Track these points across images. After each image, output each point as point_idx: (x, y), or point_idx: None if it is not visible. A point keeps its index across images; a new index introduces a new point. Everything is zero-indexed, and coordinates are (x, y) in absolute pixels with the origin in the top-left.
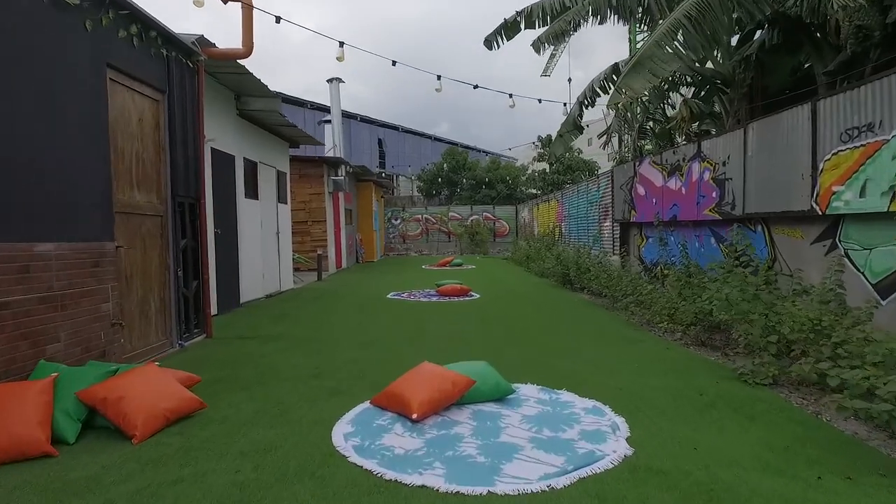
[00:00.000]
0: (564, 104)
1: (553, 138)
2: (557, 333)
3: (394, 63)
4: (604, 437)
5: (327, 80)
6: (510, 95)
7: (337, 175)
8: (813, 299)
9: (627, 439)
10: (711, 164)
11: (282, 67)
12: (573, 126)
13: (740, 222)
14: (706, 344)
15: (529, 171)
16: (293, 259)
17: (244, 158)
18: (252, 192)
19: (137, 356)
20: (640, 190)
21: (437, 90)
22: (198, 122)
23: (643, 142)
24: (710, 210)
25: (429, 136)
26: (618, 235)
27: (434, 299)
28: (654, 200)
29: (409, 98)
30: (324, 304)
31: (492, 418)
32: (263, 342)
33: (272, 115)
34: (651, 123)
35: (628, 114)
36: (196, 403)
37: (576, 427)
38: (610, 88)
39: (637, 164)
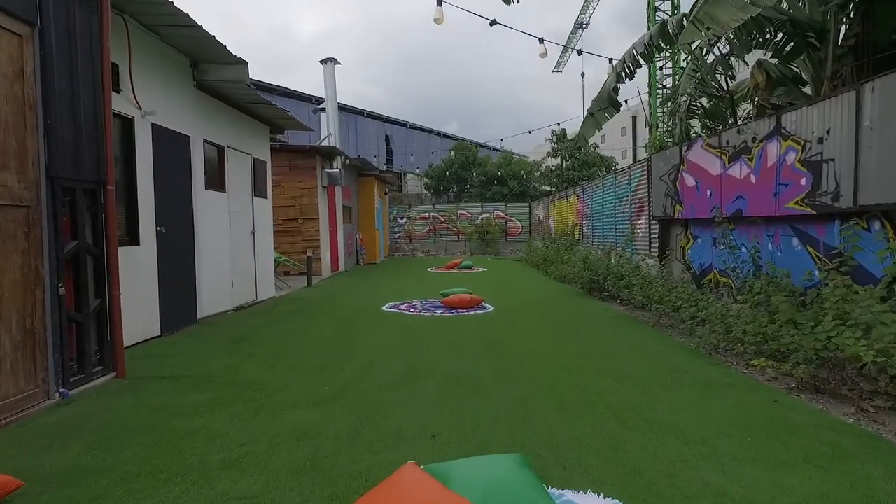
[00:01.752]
0: (610, 60)
1: (574, 129)
2: (608, 373)
3: None
4: None
5: (321, 62)
6: (541, 41)
7: (332, 167)
8: None
9: None
10: (798, 143)
11: (292, 68)
12: (608, 102)
13: (847, 217)
14: (821, 390)
15: (543, 167)
16: (278, 262)
17: (205, 141)
18: (217, 182)
19: None
20: (689, 180)
21: (436, 20)
22: (101, 77)
23: (691, 122)
24: (795, 202)
25: (437, 133)
26: (655, 235)
27: (438, 313)
28: (708, 192)
29: (418, 98)
30: (301, 320)
31: None
32: (191, 387)
33: (239, 89)
34: (703, 100)
35: (701, 65)
36: None
37: None
38: (655, 55)
39: (684, 148)
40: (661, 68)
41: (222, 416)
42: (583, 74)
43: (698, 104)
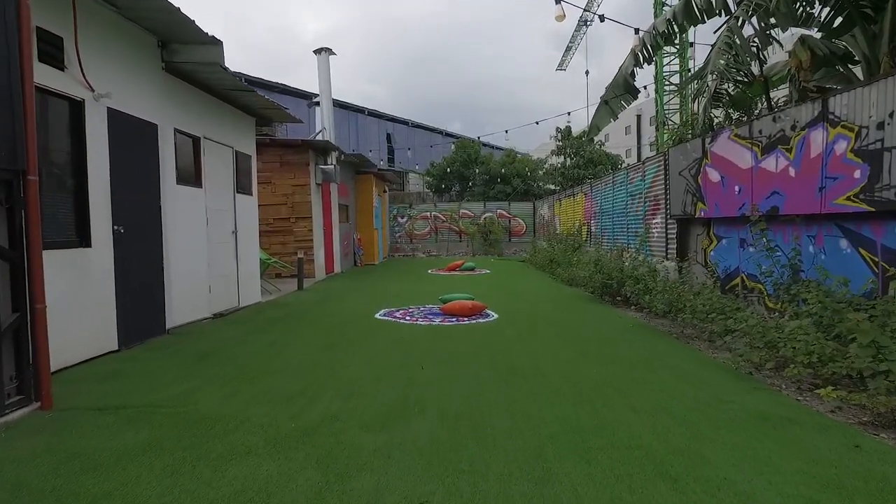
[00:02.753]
0: (636, 31)
1: (579, 123)
2: (639, 404)
3: None
4: None
5: (314, 52)
6: (557, 1)
7: (326, 164)
8: None
9: None
10: (851, 130)
11: (295, 67)
12: (624, 88)
13: None
14: None
15: (547, 165)
16: (267, 264)
17: (177, 131)
18: (192, 176)
19: None
20: (713, 175)
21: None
22: (20, 46)
23: (714, 112)
24: (847, 198)
25: (440, 132)
26: (673, 235)
27: (437, 321)
28: (736, 188)
29: (420, 98)
30: (282, 331)
31: None
32: (127, 423)
33: (215, 72)
34: (729, 86)
35: (736, 37)
36: None
37: None
38: (677, 36)
39: (708, 140)
40: (679, 52)
41: (150, 470)
42: (587, 72)
43: (724, 91)
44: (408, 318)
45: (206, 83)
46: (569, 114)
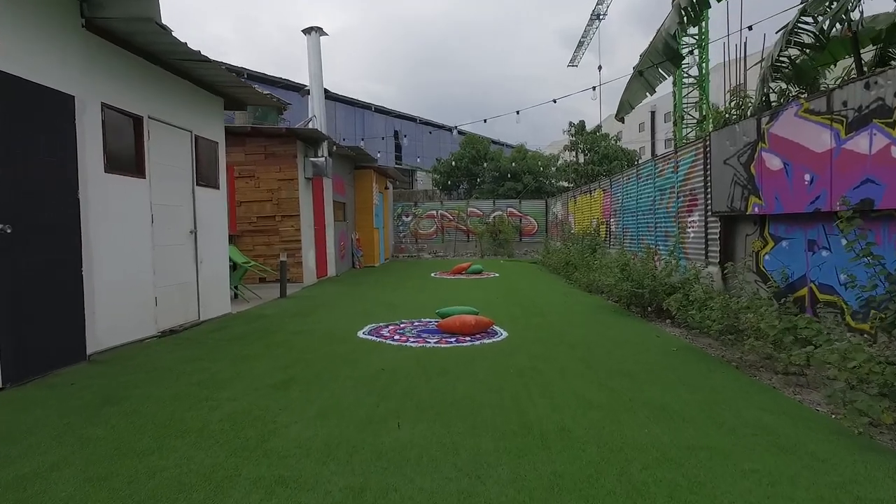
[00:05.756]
0: None
1: (591, 113)
2: (727, 502)
3: None
4: None
5: (303, 31)
6: None
7: (317, 156)
8: None
9: None
10: None
11: (303, 66)
12: (664, 53)
13: None
14: None
15: (560, 162)
16: (246, 268)
17: (106, 106)
18: (130, 164)
19: None
20: (773, 162)
21: None
22: None
23: (775, 85)
24: None
25: (448, 129)
26: (715, 236)
27: (432, 342)
28: (807, 177)
29: (429, 97)
30: (234, 355)
31: None
32: None
33: (152, 33)
34: (791, 53)
35: None
36: None
37: None
38: None
39: (765, 120)
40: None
41: None
42: (600, 67)
43: (786, 58)
44: (396, 336)
45: (149, 49)
46: (594, 88)
